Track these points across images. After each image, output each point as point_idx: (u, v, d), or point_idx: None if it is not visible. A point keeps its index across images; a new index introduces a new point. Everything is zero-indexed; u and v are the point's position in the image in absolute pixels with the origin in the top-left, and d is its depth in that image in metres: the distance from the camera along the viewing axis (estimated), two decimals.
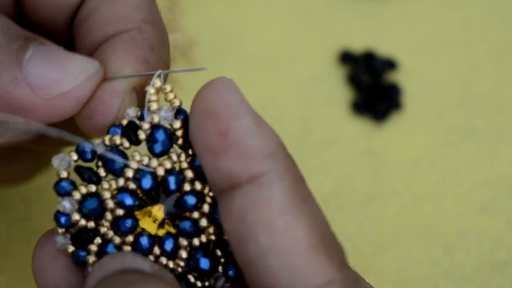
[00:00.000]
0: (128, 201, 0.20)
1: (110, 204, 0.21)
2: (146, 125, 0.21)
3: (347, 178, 0.39)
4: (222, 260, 0.21)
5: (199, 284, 0.21)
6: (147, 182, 0.20)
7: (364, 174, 0.40)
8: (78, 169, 0.21)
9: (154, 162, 0.20)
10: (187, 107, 0.44)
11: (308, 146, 0.40)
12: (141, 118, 0.21)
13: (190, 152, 0.21)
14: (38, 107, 0.20)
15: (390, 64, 0.44)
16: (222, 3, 0.46)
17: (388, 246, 0.37)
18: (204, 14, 0.46)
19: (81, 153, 0.21)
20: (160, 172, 0.20)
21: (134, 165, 0.20)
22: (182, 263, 0.21)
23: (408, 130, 0.42)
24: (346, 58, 0.44)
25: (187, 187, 0.20)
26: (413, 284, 0.36)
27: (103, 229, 0.21)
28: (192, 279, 0.21)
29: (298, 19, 0.46)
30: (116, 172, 0.21)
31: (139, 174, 0.20)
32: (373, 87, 0.43)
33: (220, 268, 0.21)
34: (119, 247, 0.21)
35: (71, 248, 0.21)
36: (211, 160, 0.19)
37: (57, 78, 0.20)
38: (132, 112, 0.22)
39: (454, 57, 0.45)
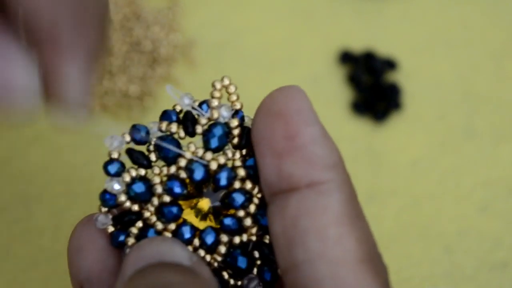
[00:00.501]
0: (177, 189, 0.20)
1: (159, 189, 0.21)
2: (204, 120, 0.21)
3: None
4: (259, 262, 0.21)
5: (232, 282, 0.21)
6: (199, 174, 0.20)
7: (364, 174, 0.40)
8: (130, 152, 0.21)
9: (209, 155, 0.21)
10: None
11: None
12: (197, 110, 0.21)
13: (244, 152, 0.21)
14: None
15: (390, 64, 0.44)
16: (222, 3, 0.46)
17: (388, 246, 0.37)
18: (204, 14, 0.46)
19: (135, 136, 0.21)
20: (213, 166, 0.20)
21: (188, 155, 0.21)
22: (219, 258, 0.21)
23: (408, 130, 0.42)
24: (346, 58, 0.44)
25: (237, 184, 0.21)
26: (413, 284, 0.36)
27: (146, 214, 0.21)
28: (226, 276, 0.21)
29: (298, 19, 0.46)
30: (170, 160, 0.21)
31: (192, 165, 0.20)
32: (373, 87, 0.43)
33: (255, 270, 0.21)
34: (160, 233, 0.21)
35: (111, 229, 0.21)
36: (273, 161, 0.19)
37: None
38: (188, 100, 0.22)
39: (454, 57, 0.45)
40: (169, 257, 0.19)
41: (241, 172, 0.21)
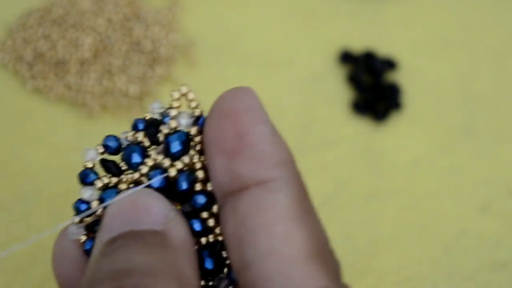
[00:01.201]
0: None
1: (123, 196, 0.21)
2: (165, 130, 0.21)
3: (347, 178, 0.39)
4: (228, 262, 0.21)
5: (202, 282, 0.21)
6: (157, 182, 0.21)
7: (364, 174, 0.40)
8: (102, 161, 0.22)
9: (167, 162, 0.21)
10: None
11: (308, 146, 0.40)
12: (163, 120, 0.22)
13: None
14: None
15: (390, 64, 0.44)
16: (222, 3, 0.46)
17: (388, 246, 0.37)
18: (204, 14, 0.46)
19: (106, 146, 0.22)
20: (172, 173, 0.21)
21: (149, 162, 0.21)
22: None
23: (408, 130, 0.42)
24: (346, 58, 0.44)
25: (198, 187, 0.21)
26: (413, 284, 0.36)
27: None
28: None
29: (298, 19, 0.46)
30: (133, 167, 0.21)
31: (151, 173, 0.21)
32: (373, 87, 0.43)
33: (225, 270, 0.22)
34: None
35: (83, 238, 0.22)
36: (224, 161, 0.19)
37: None
38: (157, 108, 0.22)
39: (454, 57, 0.45)
40: (143, 219, 0.19)
41: (200, 174, 0.21)
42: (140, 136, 0.22)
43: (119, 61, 0.42)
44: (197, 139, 0.21)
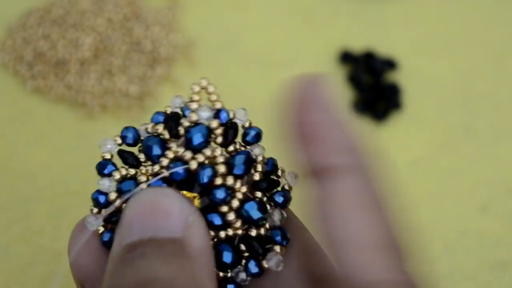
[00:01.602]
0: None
1: (144, 187, 0.21)
2: (186, 123, 0.22)
3: None
4: (246, 254, 0.22)
5: (221, 274, 0.22)
6: (178, 174, 0.21)
7: None
8: (121, 153, 0.22)
9: (188, 155, 0.21)
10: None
11: None
12: (183, 114, 0.22)
13: (230, 148, 0.22)
14: None
15: (390, 64, 0.44)
16: (222, 3, 0.46)
17: None
18: (204, 14, 0.46)
19: (124, 138, 0.22)
20: (194, 165, 0.21)
21: (170, 154, 0.21)
22: None
23: (408, 130, 0.42)
24: (346, 58, 0.44)
25: (218, 181, 0.21)
26: None
27: None
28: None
29: (298, 19, 0.46)
30: (153, 159, 0.21)
31: (172, 165, 0.21)
32: (373, 87, 0.43)
33: (243, 263, 0.22)
34: None
35: (101, 229, 0.22)
36: (302, 147, 0.20)
37: None
38: (178, 102, 0.22)
39: (454, 57, 0.45)
40: (163, 226, 0.19)
41: (221, 169, 0.21)
42: (160, 128, 0.22)
43: (119, 61, 0.42)
44: (218, 131, 0.22)
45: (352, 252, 0.18)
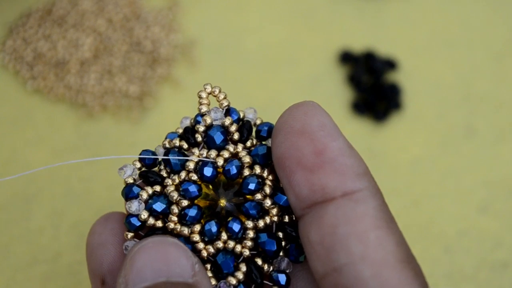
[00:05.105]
0: (192, 188, 0.22)
1: (175, 195, 0.22)
2: (201, 128, 0.23)
3: None
4: (283, 242, 0.23)
5: (266, 267, 0.22)
6: (208, 170, 0.22)
7: None
8: (143, 174, 0.23)
9: (213, 153, 0.22)
10: (189, 107, 0.44)
11: None
12: (197, 122, 0.23)
13: (248, 144, 0.23)
14: None
15: (390, 64, 0.44)
16: (222, 3, 0.46)
17: None
18: (204, 14, 0.46)
19: (143, 160, 0.23)
20: (220, 161, 0.22)
21: (194, 158, 0.22)
22: (249, 243, 0.22)
23: (408, 130, 0.42)
24: (346, 58, 0.44)
25: (246, 172, 0.22)
26: None
27: (171, 225, 0.22)
28: (259, 262, 0.22)
29: (298, 19, 0.46)
30: (178, 168, 0.22)
31: (200, 165, 0.22)
32: (373, 87, 0.43)
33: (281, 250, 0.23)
34: (187, 239, 0.22)
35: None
36: (305, 176, 0.20)
37: None
38: (186, 121, 0.24)
39: (454, 57, 0.45)
40: (175, 271, 0.20)
41: (247, 159, 0.22)
42: (177, 141, 0.23)
43: (119, 61, 0.42)
44: (233, 129, 0.22)
45: (374, 267, 0.19)
